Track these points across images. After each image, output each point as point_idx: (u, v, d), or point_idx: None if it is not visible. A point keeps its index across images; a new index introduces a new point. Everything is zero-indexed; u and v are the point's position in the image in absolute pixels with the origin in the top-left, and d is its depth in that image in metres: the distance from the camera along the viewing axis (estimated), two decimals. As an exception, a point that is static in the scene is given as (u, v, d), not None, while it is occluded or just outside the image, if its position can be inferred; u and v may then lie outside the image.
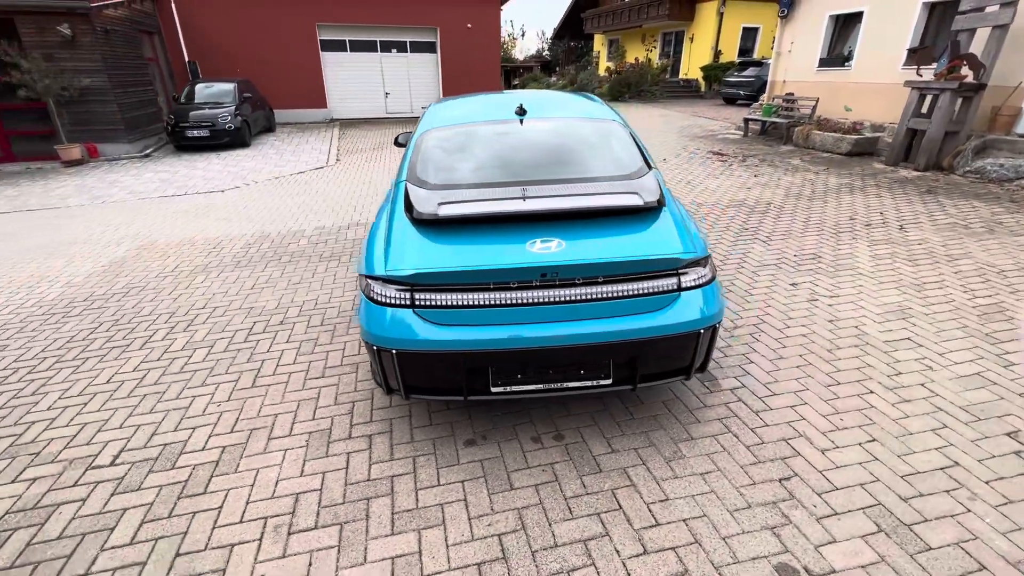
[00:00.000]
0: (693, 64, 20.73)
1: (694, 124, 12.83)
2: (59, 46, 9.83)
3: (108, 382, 2.93)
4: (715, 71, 19.07)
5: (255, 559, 1.82)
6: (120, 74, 10.81)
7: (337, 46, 15.65)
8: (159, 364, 3.08)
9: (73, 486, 2.16)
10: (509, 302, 2.00)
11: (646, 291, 2.05)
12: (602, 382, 2.15)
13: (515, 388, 2.13)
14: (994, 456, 2.15)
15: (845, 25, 10.34)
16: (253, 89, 13.09)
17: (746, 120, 11.11)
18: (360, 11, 15.17)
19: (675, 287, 2.09)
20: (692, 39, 20.73)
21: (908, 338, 3.07)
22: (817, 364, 2.85)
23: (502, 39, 49.44)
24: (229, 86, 11.90)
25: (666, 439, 2.31)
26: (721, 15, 18.85)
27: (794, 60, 11.37)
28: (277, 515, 1.99)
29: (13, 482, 2.20)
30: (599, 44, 28.60)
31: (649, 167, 2.57)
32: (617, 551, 1.79)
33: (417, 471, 2.18)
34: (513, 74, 40.92)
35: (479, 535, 1.88)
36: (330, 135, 13.13)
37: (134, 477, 2.20)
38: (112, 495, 2.11)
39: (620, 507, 1.96)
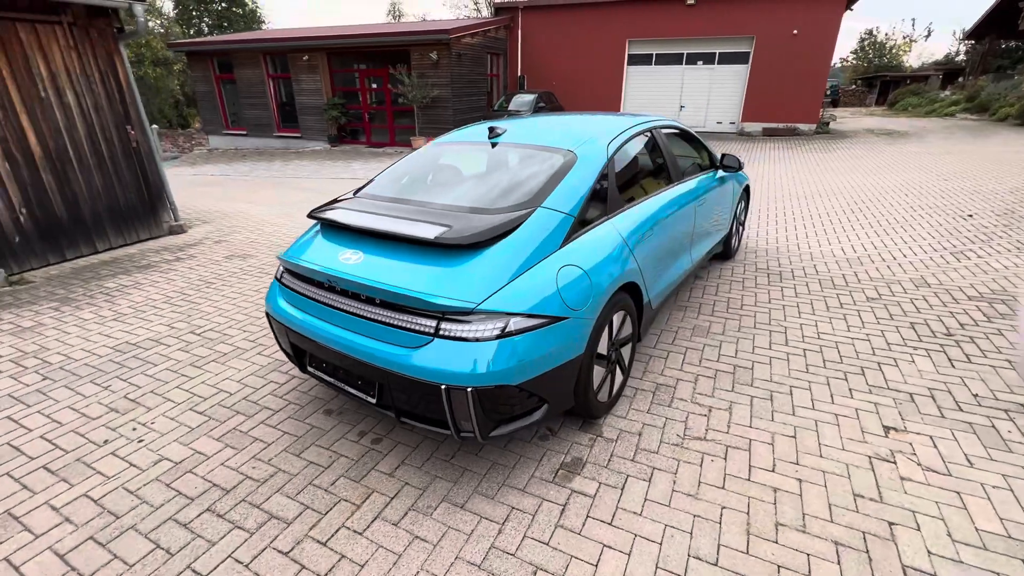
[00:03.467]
0: None
1: None
2: (427, 67, 13.78)
3: None
4: None
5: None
6: (460, 87, 14.30)
7: (642, 60, 16.18)
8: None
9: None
10: (316, 298, 2.24)
11: (401, 324, 1.94)
12: (370, 399, 2.14)
13: (319, 374, 2.36)
14: None
15: None
16: (554, 99, 15.08)
17: None
18: (672, 25, 15.20)
19: (431, 331, 1.88)
20: None
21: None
22: None
23: (894, 41, 39.62)
24: (530, 97, 14.10)
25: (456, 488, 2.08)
26: None
27: None
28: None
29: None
30: (1040, 44, 19.91)
31: (559, 207, 2.22)
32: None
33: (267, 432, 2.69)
34: (891, 86, 32.79)
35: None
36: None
37: None
38: None
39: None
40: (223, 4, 28.73)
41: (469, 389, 1.82)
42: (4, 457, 2.38)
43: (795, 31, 14.15)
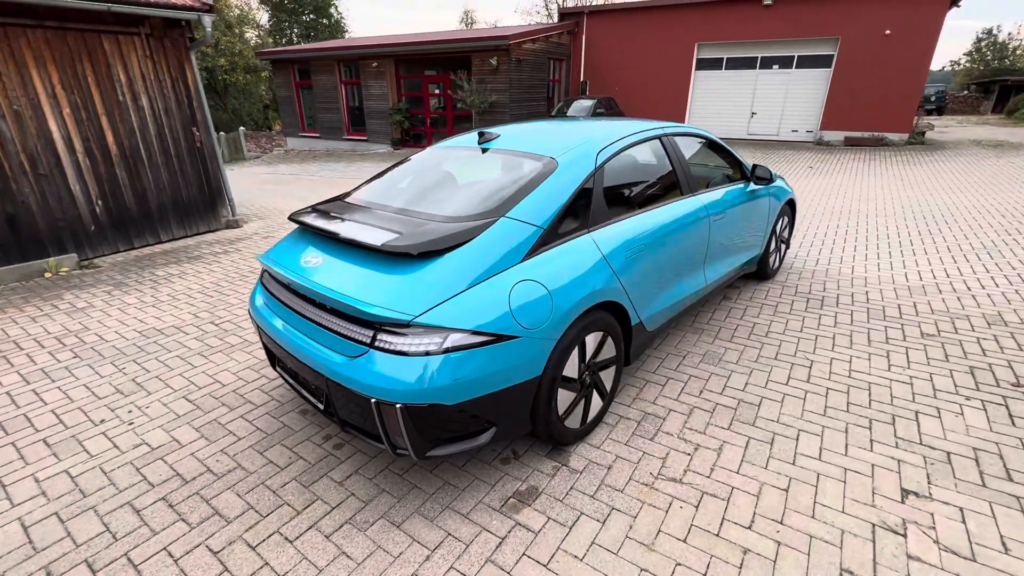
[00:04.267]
0: None
1: None
2: (487, 72, 13.93)
3: None
4: None
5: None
6: (518, 92, 14.34)
7: (711, 64, 15.41)
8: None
9: None
10: (281, 299, 2.25)
11: (343, 331, 1.89)
12: (319, 405, 2.12)
13: (284, 376, 2.37)
14: None
15: None
16: (614, 105, 14.74)
17: None
18: (745, 27, 14.35)
19: (368, 341, 1.81)
20: None
21: None
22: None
23: (1019, 41, 34.89)
24: (588, 102, 13.86)
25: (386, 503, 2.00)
26: None
27: None
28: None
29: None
30: None
31: (524, 216, 2.08)
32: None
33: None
34: (1012, 91, 29.24)
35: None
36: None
37: None
38: None
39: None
40: (311, 16, 30.85)
41: (398, 406, 1.74)
42: (16, 427, 2.61)
43: (887, 31, 12.85)
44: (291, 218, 2.47)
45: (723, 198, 3.24)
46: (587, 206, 2.33)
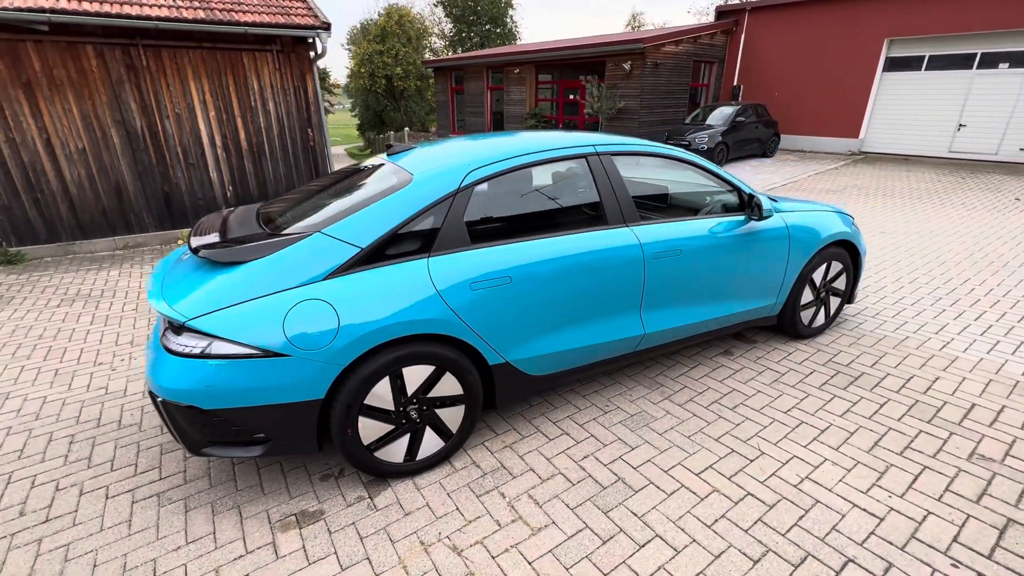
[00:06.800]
0: None
1: None
2: (619, 78, 13.41)
3: None
4: None
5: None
6: (652, 98, 13.50)
7: (906, 64, 12.48)
8: None
9: None
10: None
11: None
12: None
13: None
14: None
15: None
16: (764, 114, 12.99)
17: None
18: (959, 16, 11.28)
19: (162, 336, 1.95)
20: None
21: None
22: None
23: None
24: (728, 110, 12.41)
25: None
26: None
27: None
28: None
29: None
30: None
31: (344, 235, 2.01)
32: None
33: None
34: None
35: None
36: (839, 166, 11.36)
37: None
38: None
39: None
40: (487, 26, 33.21)
41: (159, 400, 1.86)
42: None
43: None
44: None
45: (683, 234, 2.66)
46: (437, 229, 2.15)
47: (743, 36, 14.72)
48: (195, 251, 2.03)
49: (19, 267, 5.53)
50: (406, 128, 21.18)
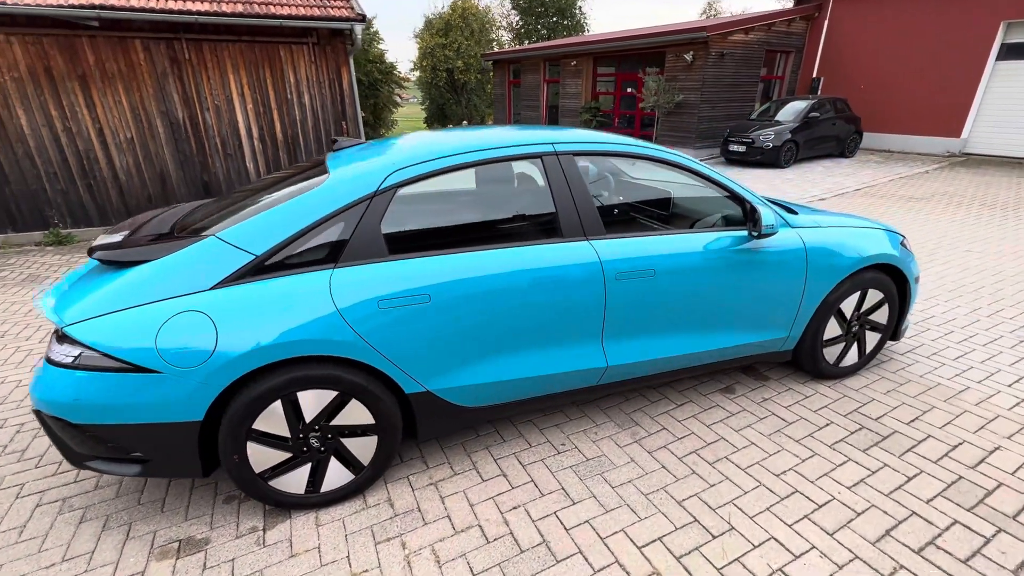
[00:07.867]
0: None
1: None
2: (680, 69, 12.52)
3: None
4: None
5: None
6: (715, 91, 12.49)
7: (1027, 51, 10.65)
8: None
9: None
10: None
11: None
12: None
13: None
14: None
15: None
16: (846, 109, 11.66)
17: None
18: (1105, -8, 9.42)
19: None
20: None
21: None
22: None
23: None
24: (801, 104, 11.22)
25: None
26: None
27: None
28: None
29: None
30: None
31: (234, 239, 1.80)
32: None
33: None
34: None
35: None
36: (931, 169, 9.98)
37: None
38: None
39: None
40: (554, 18, 32.57)
41: (32, 409, 1.75)
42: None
43: None
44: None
45: (660, 251, 2.23)
46: (347, 238, 1.89)
47: (826, 22, 13.26)
48: (89, 251, 1.90)
49: (66, 248, 5.94)
50: (464, 121, 21.20)
